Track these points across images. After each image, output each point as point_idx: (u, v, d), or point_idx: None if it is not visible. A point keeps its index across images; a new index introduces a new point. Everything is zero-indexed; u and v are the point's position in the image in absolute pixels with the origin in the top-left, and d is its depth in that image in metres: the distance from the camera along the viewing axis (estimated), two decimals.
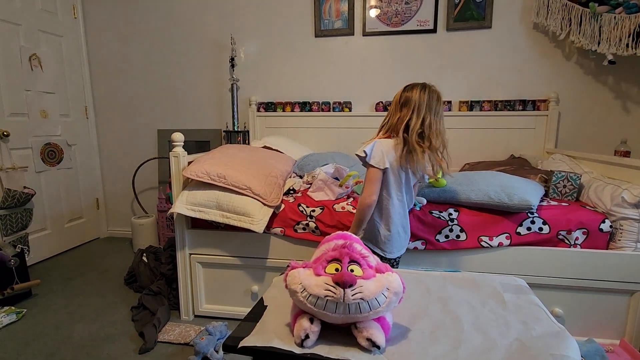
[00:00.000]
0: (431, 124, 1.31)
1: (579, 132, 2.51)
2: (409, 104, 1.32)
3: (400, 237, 1.42)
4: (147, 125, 3.08)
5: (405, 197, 1.41)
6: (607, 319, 1.59)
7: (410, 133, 1.29)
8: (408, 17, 2.59)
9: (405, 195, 1.41)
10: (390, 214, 1.38)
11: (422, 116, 1.30)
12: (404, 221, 1.43)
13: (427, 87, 1.33)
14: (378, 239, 1.41)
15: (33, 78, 2.56)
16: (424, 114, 1.30)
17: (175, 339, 1.71)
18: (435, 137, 1.32)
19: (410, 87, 1.35)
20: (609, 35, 2.14)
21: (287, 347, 0.74)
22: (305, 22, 2.73)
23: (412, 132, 1.29)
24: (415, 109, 1.31)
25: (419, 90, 1.32)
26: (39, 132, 2.61)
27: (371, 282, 0.75)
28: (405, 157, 1.31)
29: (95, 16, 2.99)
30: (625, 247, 1.52)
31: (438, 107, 1.33)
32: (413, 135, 1.29)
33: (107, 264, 2.61)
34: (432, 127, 1.31)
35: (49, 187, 2.69)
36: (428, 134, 1.31)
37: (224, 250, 1.84)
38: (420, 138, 1.31)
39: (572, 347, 0.74)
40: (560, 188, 1.77)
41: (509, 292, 0.98)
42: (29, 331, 1.79)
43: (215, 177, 1.72)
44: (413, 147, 1.29)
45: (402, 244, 1.45)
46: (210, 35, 2.86)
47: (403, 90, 1.36)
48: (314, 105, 2.78)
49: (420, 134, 1.31)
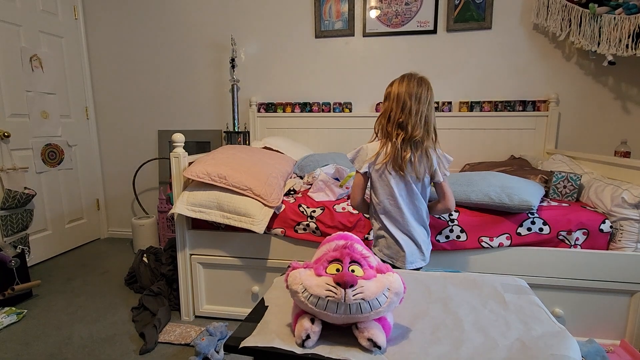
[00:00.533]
0: (411, 109, 1.23)
1: (579, 132, 2.51)
2: (389, 97, 1.29)
3: (408, 245, 1.32)
4: (147, 126, 3.08)
5: (401, 202, 1.30)
6: (607, 320, 1.59)
7: (392, 125, 1.25)
8: (408, 18, 2.60)
9: (403, 199, 1.31)
10: (382, 221, 1.34)
11: (401, 104, 1.24)
12: (409, 229, 1.32)
13: (407, 76, 1.28)
14: (391, 250, 1.35)
15: (34, 79, 2.57)
16: (403, 101, 1.23)
17: (175, 340, 1.71)
18: (419, 125, 1.23)
19: (392, 81, 1.31)
20: (609, 36, 2.14)
21: (288, 348, 0.74)
22: (305, 23, 2.74)
23: (393, 123, 1.24)
24: (394, 98, 1.25)
25: (397, 81, 1.28)
26: (39, 132, 2.61)
27: (372, 283, 0.75)
28: (391, 154, 1.25)
29: (95, 17, 2.99)
30: (626, 248, 1.52)
31: (420, 91, 1.24)
32: (393, 125, 1.24)
33: (108, 265, 2.62)
34: (413, 113, 1.23)
35: (49, 187, 2.69)
36: (407, 121, 1.24)
37: (224, 251, 1.84)
38: (400, 128, 1.25)
39: (573, 347, 0.74)
40: (561, 188, 1.77)
41: (510, 292, 0.98)
42: (29, 332, 1.80)
43: (215, 178, 1.72)
44: (391, 139, 1.23)
45: (414, 252, 1.33)
46: (210, 36, 2.87)
47: (387, 86, 1.33)
48: (314, 106, 2.78)
49: (400, 123, 1.25)
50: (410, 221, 1.33)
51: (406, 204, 1.32)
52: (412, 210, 1.34)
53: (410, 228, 1.33)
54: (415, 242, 1.34)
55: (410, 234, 1.33)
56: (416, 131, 1.25)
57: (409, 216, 1.33)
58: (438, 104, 2.63)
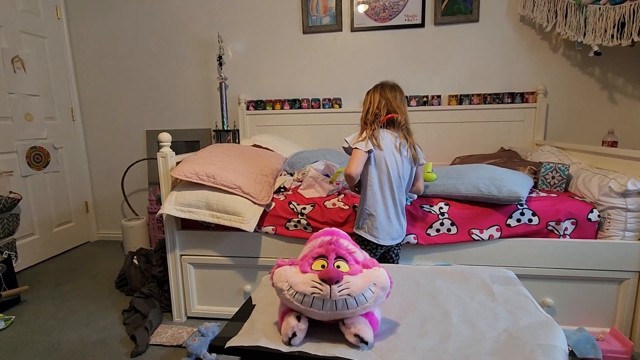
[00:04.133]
0: (385, 102, 1.45)
1: (567, 123, 2.53)
2: (366, 99, 1.52)
3: (387, 222, 1.45)
4: (135, 127, 3.04)
5: (394, 181, 1.43)
6: (597, 308, 1.61)
7: (369, 115, 1.46)
8: (396, 12, 2.58)
9: (395, 179, 1.43)
10: (376, 198, 1.44)
11: (377, 100, 1.46)
12: (391, 210, 1.46)
13: (380, 83, 1.51)
14: (366, 223, 1.46)
15: (16, 80, 2.51)
16: (379, 98, 1.47)
17: (167, 342, 1.69)
18: (398, 111, 1.45)
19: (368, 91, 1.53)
20: (594, 26, 2.15)
21: (274, 346, 0.73)
22: (293, 19, 2.71)
23: (370, 114, 1.46)
24: (370, 98, 1.49)
25: (372, 89, 1.51)
26: (24, 135, 2.56)
27: (358, 278, 0.74)
28: (371, 136, 1.41)
29: (78, 16, 2.93)
30: (614, 236, 1.53)
31: (394, 92, 1.48)
32: (370, 116, 1.45)
33: (98, 268, 2.58)
34: (383, 106, 1.45)
35: (36, 191, 2.64)
36: (386, 110, 1.45)
37: (215, 251, 1.82)
38: (376, 117, 1.45)
39: (560, 336, 0.74)
40: (549, 179, 1.78)
41: (498, 283, 0.99)
42: (17, 338, 1.76)
43: (204, 177, 1.70)
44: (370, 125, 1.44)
45: (389, 231, 1.46)
46: (196, 33, 2.83)
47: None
48: (303, 103, 2.76)
49: (376, 114, 1.45)
50: (401, 199, 1.47)
51: (397, 183, 1.45)
52: (400, 190, 1.47)
53: (393, 209, 1.46)
54: (394, 221, 1.47)
55: (392, 214, 1.46)
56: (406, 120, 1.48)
57: (398, 194, 1.46)
58: (427, 97, 2.63)
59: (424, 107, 2.62)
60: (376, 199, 1.43)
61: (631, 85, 2.41)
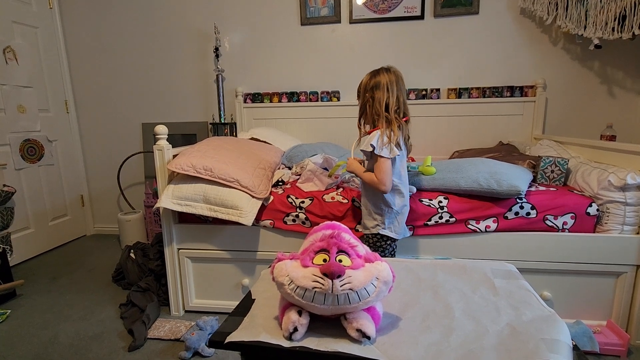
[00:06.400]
0: (405, 100, 1.41)
1: (566, 117, 2.52)
2: (380, 86, 1.38)
3: (405, 215, 1.48)
4: (131, 119, 3.00)
5: (404, 178, 1.46)
6: (594, 301, 1.62)
7: (390, 111, 1.38)
8: (395, 4, 2.55)
9: (405, 176, 1.46)
10: (396, 198, 1.44)
11: (395, 94, 1.38)
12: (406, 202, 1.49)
13: (390, 68, 1.42)
14: (393, 223, 1.45)
15: (8, 72, 2.46)
16: (396, 92, 1.39)
17: (165, 335, 1.68)
18: (408, 111, 1.43)
19: (376, 72, 1.42)
20: (595, 19, 2.13)
21: (275, 341, 0.72)
22: (290, 10, 2.67)
23: (391, 110, 1.38)
24: (388, 88, 1.38)
25: (384, 72, 1.40)
26: (17, 128, 2.52)
27: (360, 272, 0.73)
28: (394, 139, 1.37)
29: (71, 5, 2.87)
30: (612, 230, 1.54)
31: (402, 85, 1.43)
32: (392, 112, 1.38)
33: (94, 262, 2.56)
34: (402, 102, 1.40)
35: (30, 184, 2.61)
36: (403, 109, 1.41)
37: (212, 244, 1.81)
38: (397, 114, 1.39)
39: (563, 331, 0.74)
40: (548, 173, 1.78)
41: (499, 277, 0.98)
42: (13, 333, 1.75)
43: (201, 170, 1.68)
44: (395, 122, 1.37)
45: (404, 225, 1.50)
46: (193, 25, 2.78)
47: (370, 77, 1.42)
48: (301, 95, 2.73)
49: (396, 110, 1.39)
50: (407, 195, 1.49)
51: (405, 180, 1.47)
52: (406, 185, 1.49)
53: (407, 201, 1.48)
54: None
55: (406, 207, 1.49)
56: (409, 116, 1.45)
57: (405, 191, 1.47)
58: (426, 90, 2.61)
59: (422, 100, 2.60)
60: (404, 198, 1.45)
61: (630, 79, 2.41)
